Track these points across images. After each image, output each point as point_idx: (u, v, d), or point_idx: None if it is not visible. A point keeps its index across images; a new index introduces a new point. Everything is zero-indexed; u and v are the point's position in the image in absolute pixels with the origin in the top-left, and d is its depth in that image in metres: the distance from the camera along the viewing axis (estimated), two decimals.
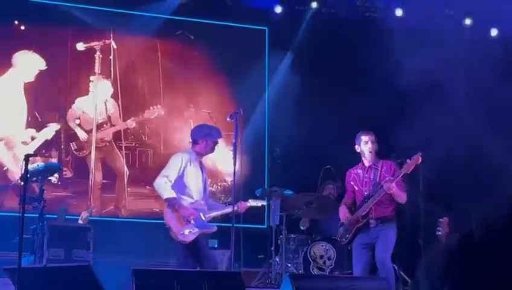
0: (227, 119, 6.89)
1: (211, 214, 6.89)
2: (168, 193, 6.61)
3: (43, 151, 9.84)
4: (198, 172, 6.85)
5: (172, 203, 6.62)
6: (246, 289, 5.66)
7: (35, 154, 5.94)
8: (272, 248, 8.67)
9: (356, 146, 6.81)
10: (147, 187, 10.15)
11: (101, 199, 10.29)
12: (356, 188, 6.76)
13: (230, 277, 5.79)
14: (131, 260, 8.55)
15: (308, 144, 10.29)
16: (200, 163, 6.92)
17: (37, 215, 7.66)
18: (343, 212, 6.81)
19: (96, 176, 10.25)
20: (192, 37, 10.77)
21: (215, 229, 6.84)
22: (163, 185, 6.64)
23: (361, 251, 6.63)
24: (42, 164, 8.39)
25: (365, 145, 6.71)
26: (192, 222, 6.65)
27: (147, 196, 10.27)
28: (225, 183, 10.55)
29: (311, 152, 10.24)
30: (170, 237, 6.73)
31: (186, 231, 6.61)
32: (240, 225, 6.68)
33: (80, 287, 5.26)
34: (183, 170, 6.74)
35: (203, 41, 10.78)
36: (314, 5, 10.90)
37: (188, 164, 6.76)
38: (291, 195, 8.76)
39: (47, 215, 7.89)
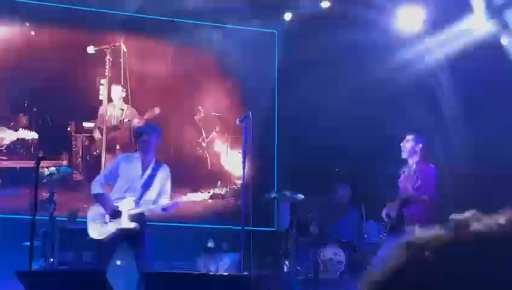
0: (237, 123, 6.88)
1: (137, 210, 6.67)
2: (94, 189, 6.76)
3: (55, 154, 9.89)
4: (134, 169, 6.82)
5: (97, 199, 6.76)
6: None
7: (45, 156, 5.95)
8: (282, 252, 8.67)
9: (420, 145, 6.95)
10: None
11: None
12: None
13: (240, 280, 5.80)
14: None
15: (319, 146, 10.26)
16: (142, 160, 6.85)
17: (48, 217, 7.69)
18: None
19: None
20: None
21: (134, 227, 6.64)
22: (92, 183, 6.83)
23: None
24: (53, 167, 8.41)
25: (407, 142, 7.09)
26: (108, 219, 6.64)
27: None
28: (235, 186, 10.54)
29: (322, 154, 10.20)
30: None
31: (104, 229, 6.64)
32: (249, 228, 6.66)
33: None
34: (115, 169, 6.84)
35: (212, 44, 10.80)
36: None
37: (122, 162, 6.88)
38: (301, 198, 8.75)
39: (57, 218, 7.93)
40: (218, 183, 10.28)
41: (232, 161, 10.13)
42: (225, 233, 9.06)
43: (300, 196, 8.71)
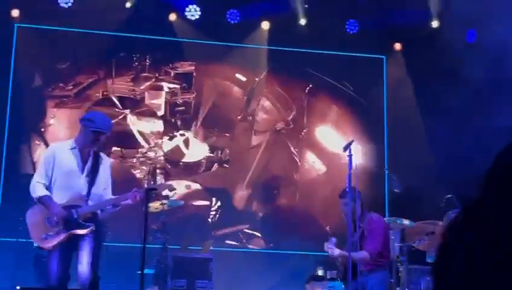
0: (342, 151, 6.85)
1: (90, 209, 5.92)
2: (38, 191, 5.91)
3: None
4: (74, 160, 5.97)
5: (43, 201, 5.91)
6: None
7: (155, 188, 6.13)
8: (392, 280, 8.50)
9: None
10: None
11: None
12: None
13: None
14: None
15: (430, 171, 10.07)
16: (87, 152, 6.02)
17: (161, 246, 7.92)
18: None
19: None
20: None
21: (89, 228, 5.87)
22: (35, 185, 5.94)
23: None
24: (166, 201, 8.40)
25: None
26: (60, 222, 5.84)
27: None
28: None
29: (433, 180, 10.00)
30: None
31: (51, 233, 5.85)
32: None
33: None
34: (53, 164, 5.95)
35: (320, 71, 10.88)
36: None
37: (57, 155, 5.97)
38: (412, 225, 8.57)
39: (170, 246, 8.15)
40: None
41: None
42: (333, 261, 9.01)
43: (412, 223, 8.54)
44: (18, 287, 6.51)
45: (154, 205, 7.64)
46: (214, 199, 10.53)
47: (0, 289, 8.47)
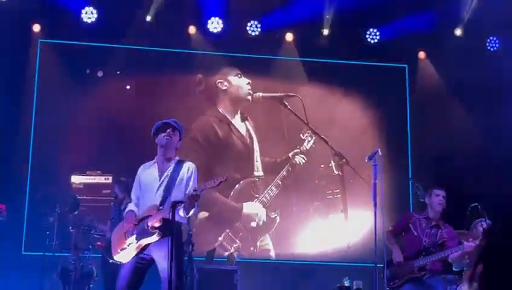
0: (366, 160, 6.81)
1: (158, 216, 5.74)
2: (127, 208, 6.10)
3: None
4: (152, 174, 6.02)
5: (125, 216, 6.07)
6: None
7: (181, 201, 6.09)
8: None
9: (426, 197, 7.02)
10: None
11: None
12: (415, 233, 6.68)
13: None
14: None
15: (454, 181, 10.00)
16: (166, 162, 6.03)
17: (186, 258, 7.93)
18: (398, 255, 6.94)
19: None
20: None
21: (154, 235, 5.71)
22: (128, 205, 6.18)
23: None
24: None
25: (436, 197, 7.01)
26: (134, 234, 5.81)
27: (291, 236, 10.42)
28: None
29: (457, 188, 9.93)
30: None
31: (125, 246, 5.85)
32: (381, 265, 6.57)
33: None
34: (138, 183, 6.08)
35: (343, 82, 10.89)
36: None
37: (141, 174, 6.11)
38: None
39: (195, 258, 8.17)
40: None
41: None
42: (361, 271, 8.97)
43: None
44: None
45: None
46: None
47: None
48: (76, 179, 10.05)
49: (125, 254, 5.85)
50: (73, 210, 8.56)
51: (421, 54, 11.14)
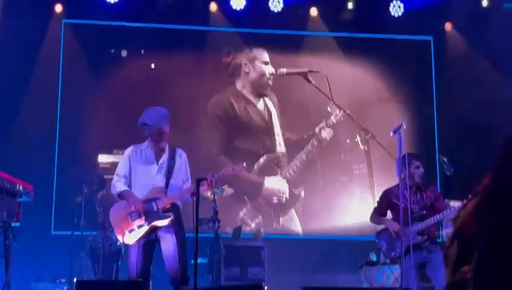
0: (390, 134, 6.75)
1: (169, 200, 6.06)
2: (118, 187, 6.18)
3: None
4: (148, 157, 6.24)
5: (124, 195, 6.16)
6: None
7: (204, 178, 6.15)
8: None
9: (408, 168, 6.81)
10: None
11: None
12: (403, 205, 6.53)
13: None
14: (304, 277, 8.72)
15: (483, 153, 9.88)
16: (160, 149, 6.27)
17: (213, 235, 7.97)
18: (393, 224, 6.84)
19: None
20: None
21: (169, 218, 6.03)
22: (114, 183, 6.23)
23: (417, 270, 6.66)
24: (218, 190, 8.43)
25: (417, 169, 6.88)
26: (142, 216, 6.00)
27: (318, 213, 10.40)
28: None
29: (486, 158, 9.80)
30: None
31: (134, 227, 6.01)
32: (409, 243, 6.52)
33: None
34: (129, 164, 6.24)
35: (366, 56, 10.79)
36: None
37: (132, 156, 6.27)
38: None
39: (222, 235, 8.20)
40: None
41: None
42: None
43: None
44: (75, 279, 6.64)
45: (205, 194, 7.72)
46: None
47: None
48: (103, 159, 10.13)
49: (133, 235, 6.01)
50: (100, 189, 8.63)
51: (448, 26, 10.99)
